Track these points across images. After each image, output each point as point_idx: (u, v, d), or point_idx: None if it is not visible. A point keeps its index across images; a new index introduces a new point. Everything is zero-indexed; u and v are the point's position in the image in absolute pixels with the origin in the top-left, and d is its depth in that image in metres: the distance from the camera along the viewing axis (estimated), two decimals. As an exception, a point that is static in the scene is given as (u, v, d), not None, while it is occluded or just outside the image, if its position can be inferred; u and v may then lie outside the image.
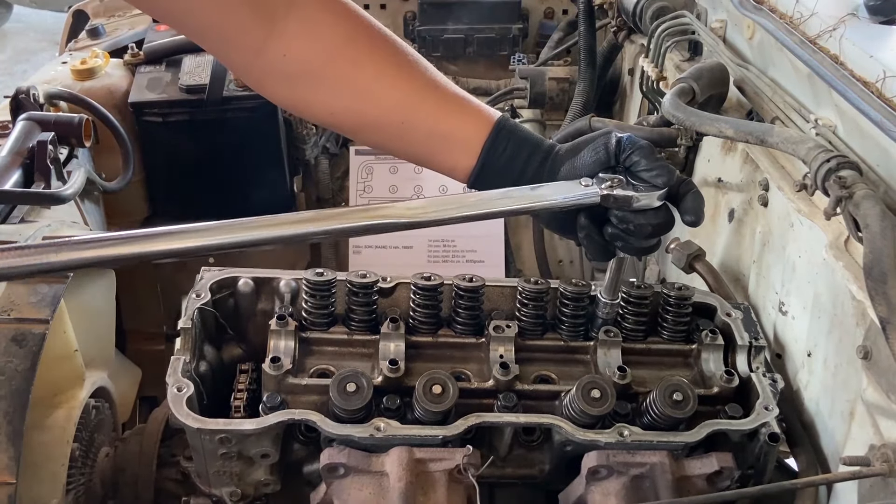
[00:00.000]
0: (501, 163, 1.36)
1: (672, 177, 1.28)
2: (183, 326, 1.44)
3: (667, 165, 1.28)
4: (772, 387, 1.47)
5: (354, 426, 1.34)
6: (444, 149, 1.38)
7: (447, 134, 1.36)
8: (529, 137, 1.39)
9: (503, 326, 1.51)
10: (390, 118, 1.35)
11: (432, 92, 1.36)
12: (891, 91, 1.39)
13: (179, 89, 2.49)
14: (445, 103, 1.37)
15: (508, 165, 1.35)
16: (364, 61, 1.33)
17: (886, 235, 1.17)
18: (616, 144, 1.29)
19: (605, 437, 1.37)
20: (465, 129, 1.36)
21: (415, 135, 1.37)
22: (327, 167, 2.93)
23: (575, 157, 1.33)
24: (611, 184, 1.27)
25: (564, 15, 3.25)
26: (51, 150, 1.95)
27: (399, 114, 1.34)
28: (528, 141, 1.37)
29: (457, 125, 1.36)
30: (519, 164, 1.35)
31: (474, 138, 1.35)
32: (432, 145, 1.38)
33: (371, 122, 1.38)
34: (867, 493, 1.25)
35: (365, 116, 1.37)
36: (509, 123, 1.38)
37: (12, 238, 1.61)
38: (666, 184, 1.27)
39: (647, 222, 1.29)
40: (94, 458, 1.67)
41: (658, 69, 2.17)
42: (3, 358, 1.40)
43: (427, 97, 1.36)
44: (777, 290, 1.65)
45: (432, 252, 2.82)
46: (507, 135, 1.36)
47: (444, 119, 1.36)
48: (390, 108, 1.35)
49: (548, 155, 1.36)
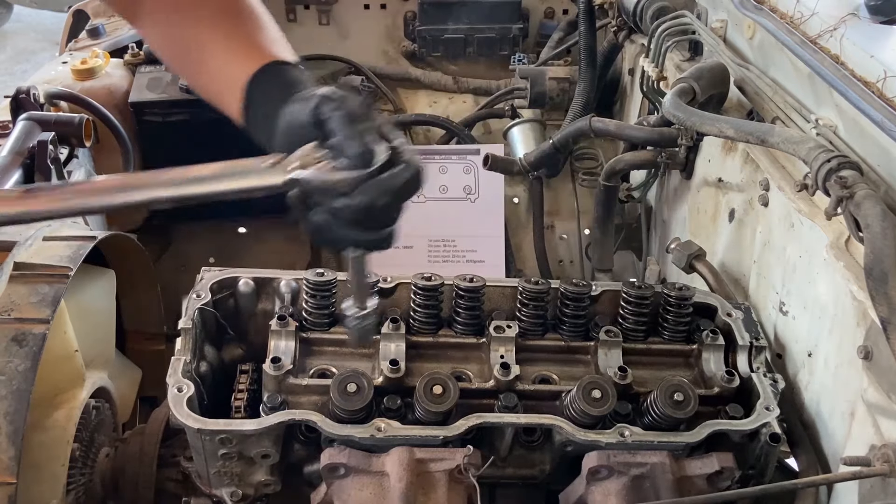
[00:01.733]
0: (255, 110, 1.23)
1: (370, 151, 1.02)
2: (183, 327, 1.44)
3: (371, 132, 1.03)
4: (772, 387, 1.46)
5: (355, 426, 1.34)
6: (219, 89, 1.31)
7: (222, 74, 1.29)
8: (291, 82, 1.21)
9: (504, 327, 1.51)
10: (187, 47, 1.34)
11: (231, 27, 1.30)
12: (891, 91, 1.39)
13: (179, 89, 2.49)
14: (236, 48, 1.29)
15: (260, 109, 1.22)
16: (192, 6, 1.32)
17: (887, 235, 1.17)
18: (315, 107, 1.06)
19: (606, 437, 1.37)
20: (234, 69, 1.26)
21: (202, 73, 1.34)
22: (327, 167, 2.93)
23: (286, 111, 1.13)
24: (300, 164, 1.01)
25: (564, 15, 3.25)
26: (51, 150, 1.95)
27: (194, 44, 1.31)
28: (287, 85, 1.20)
29: (231, 67, 1.27)
30: (270, 107, 1.18)
31: (240, 78, 1.24)
32: (213, 84, 1.32)
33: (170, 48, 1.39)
34: (867, 493, 1.25)
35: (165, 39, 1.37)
36: (276, 67, 1.24)
37: (12, 238, 1.61)
38: (359, 158, 1.01)
39: (344, 205, 1.03)
40: (94, 458, 1.67)
41: (658, 69, 2.17)
42: (4, 358, 1.40)
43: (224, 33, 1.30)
44: (777, 290, 1.65)
45: (432, 252, 2.82)
46: (269, 78, 1.23)
47: (225, 60, 1.29)
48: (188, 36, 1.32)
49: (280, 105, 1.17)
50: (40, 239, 1.65)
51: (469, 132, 3.07)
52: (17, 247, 1.58)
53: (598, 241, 2.36)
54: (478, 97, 3.26)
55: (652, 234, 2.52)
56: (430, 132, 3.18)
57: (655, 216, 2.50)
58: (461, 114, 3.18)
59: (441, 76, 3.29)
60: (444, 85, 3.29)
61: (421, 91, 3.32)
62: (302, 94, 1.13)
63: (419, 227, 2.83)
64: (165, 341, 2.16)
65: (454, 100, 3.29)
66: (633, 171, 2.51)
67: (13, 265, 1.54)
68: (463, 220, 2.84)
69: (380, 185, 1.02)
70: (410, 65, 3.34)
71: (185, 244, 2.80)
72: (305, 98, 1.10)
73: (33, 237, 1.63)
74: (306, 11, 3.25)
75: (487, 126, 3.18)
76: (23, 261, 1.56)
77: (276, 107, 1.15)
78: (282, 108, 1.13)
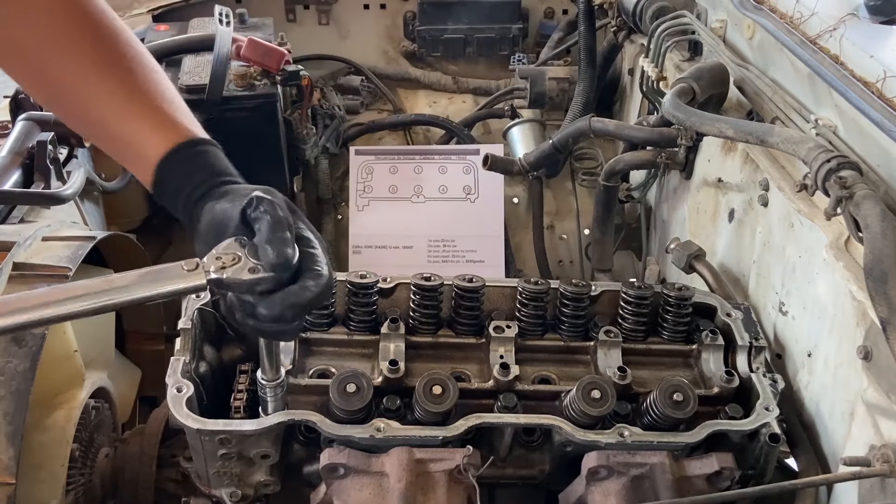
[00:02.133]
0: (171, 188, 1.22)
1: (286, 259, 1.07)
2: (183, 327, 1.44)
3: (288, 242, 1.08)
4: (772, 387, 1.46)
5: (354, 427, 1.34)
6: (126, 155, 1.27)
7: (130, 142, 1.24)
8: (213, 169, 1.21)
9: (503, 327, 1.51)
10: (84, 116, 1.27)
11: (127, 97, 1.24)
12: (891, 91, 1.39)
13: (179, 89, 2.47)
14: (138, 111, 1.24)
15: (177, 193, 1.21)
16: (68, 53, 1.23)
17: (887, 236, 1.17)
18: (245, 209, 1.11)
19: (606, 437, 1.37)
20: (145, 143, 1.22)
21: (104, 137, 1.29)
22: (327, 167, 2.93)
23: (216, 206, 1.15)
24: (223, 263, 1.07)
25: (564, 15, 3.25)
26: (50, 150, 1.95)
27: (91, 113, 1.26)
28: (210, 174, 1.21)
29: (140, 137, 1.23)
30: (186, 193, 1.20)
31: (151, 156, 1.21)
32: (117, 149, 1.29)
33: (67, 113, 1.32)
34: (867, 493, 1.25)
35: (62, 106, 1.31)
36: (192, 149, 1.22)
37: (11, 238, 1.61)
38: (276, 266, 1.06)
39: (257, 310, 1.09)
40: (93, 458, 1.67)
41: (658, 69, 2.17)
42: (3, 358, 1.40)
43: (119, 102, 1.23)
44: (777, 290, 1.65)
45: (432, 252, 2.82)
46: (181, 160, 1.21)
47: (131, 127, 1.23)
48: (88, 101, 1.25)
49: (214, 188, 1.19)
50: (39, 239, 1.65)
51: (469, 132, 3.08)
52: (17, 247, 1.58)
53: (598, 241, 2.36)
54: (477, 97, 3.27)
55: (652, 234, 2.53)
56: (430, 132, 3.18)
57: (655, 216, 2.50)
58: (461, 114, 3.19)
59: (441, 76, 3.30)
60: (443, 85, 3.29)
61: (421, 91, 3.33)
62: (231, 191, 1.17)
63: (419, 227, 2.83)
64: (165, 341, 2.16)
65: (454, 100, 3.29)
66: (633, 171, 2.51)
67: (12, 265, 1.53)
68: (463, 220, 2.84)
69: (286, 298, 1.08)
70: (410, 65, 3.34)
71: (185, 244, 2.78)
72: (235, 198, 1.14)
73: (32, 237, 1.63)
74: (306, 11, 3.25)
75: (487, 126, 3.18)
76: (22, 261, 1.56)
77: (201, 196, 1.18)
78: (208, 202, 1.16)
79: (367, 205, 2.86)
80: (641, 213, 2.58)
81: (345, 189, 2.96)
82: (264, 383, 1.31)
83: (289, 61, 2.52)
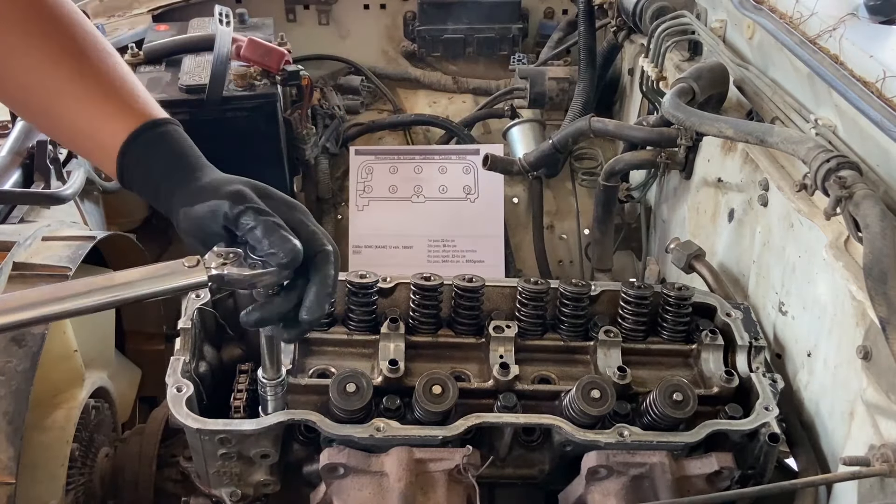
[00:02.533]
0: (137, 176, 1.18)
1: (295, 253, 1.07)
2: (183, 327, 1.44)
3: (288, 239, 1.08)
4: (772, 387, 1.46)
5: (354, 426, 1.34)
6: (87, 147, 1.24)
7: (88, 133, 1.19)
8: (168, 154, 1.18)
9: (503, 326, 1.51)
10: (36, 105, 1.22)
11: (82, 84, 1.18)
12: (891, 91, 1.39)
13: (179, 89, 2.49)
14: (93, 99, 1.18)
15: (145, 181, 1.18)
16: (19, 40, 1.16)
17: (886, 235, 1.17)
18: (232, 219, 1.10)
19: (605, 437, 1.37)
20: (103, 131, 1.18)
21: (59, 127, 1.23)
22: (327, 167, 2.93)
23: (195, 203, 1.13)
24: (224, 260, 1.07)
25: (564, 15, 3.25)
26: (50, 150, 1.95)
27: (43, 103, 1.20)
28: (166, 159, 1.18)
29: (97, 126, 1.18)
30: (153, 183, 1.18)
31: (111, 144, 1.17)
32: (77, 142, 1.24)
33: (19, 105, 1.26)
34: (867, 493, 1.25)
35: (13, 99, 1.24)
36: (151, 133, 1.17)
37: (11, 238, 1.61)
38: (286, 261, 1.07)
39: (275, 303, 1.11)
40: (93, 458, 1.67)
41: (658, 69, 2.17)
42: (3, 358, 1.40)
43: (74, 90, 1.18)
44: (777, 290, 1.65)
45: (432, 252, 2.82)
46: (142, 146, 1.16)
47: (87, 116, 1.18)
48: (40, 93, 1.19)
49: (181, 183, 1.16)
50: (39, 239, 1.65)
51: (469, 132, 3.08)
52: (17, 247, 1.58)
53: (598, 241, 2.36)
54: (477, 97, 3.27)
55: (651, 234, 2.53)
56: (430, 132, 3.19)
57: (655, 216, 2.50)
58: (461, 114, 3.19)
59: (441, 76, 3.30)
60: (443, 85, 3.29)
61: (420, 91, 3.33)
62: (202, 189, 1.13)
63: (419, 227, 2.83)
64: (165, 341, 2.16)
65: (454, 100, 3.29)
66: (633, 171, 2.51)
67: (12, 265, 1.53)
68: (462, 220, 2.84)
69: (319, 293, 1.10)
70: (410, 65, 3.34)
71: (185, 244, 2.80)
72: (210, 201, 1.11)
73: (32, 237, 1.63)
74: (306, 11, 3.25)
75: (487, 126, 3.18)
76: (22, 261, 1.56)
77: (171, 190, 1.15)
78: (183, 207, 1.13)
79: (367, 205, 2.86)
80: (641, 213, 2.58)
81: (345, 189, 2.96)
82: (265, 382, 1.31)
83: (289, 61, 2.52)
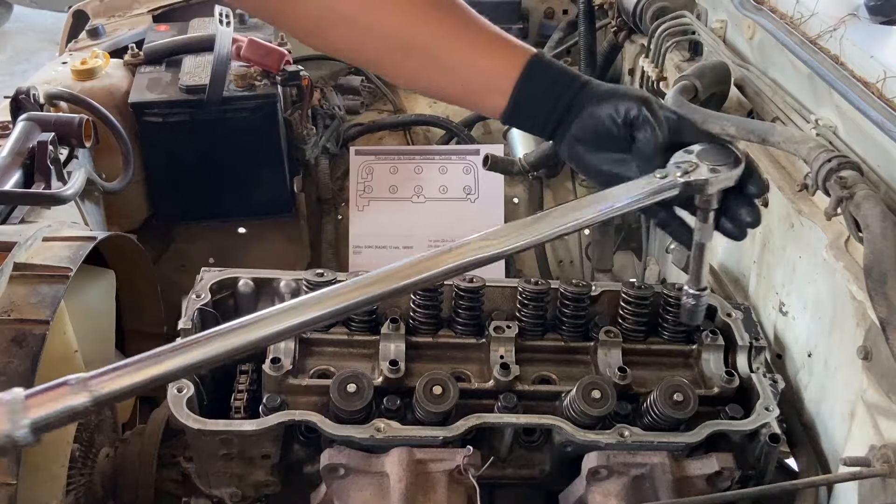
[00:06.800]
0: (533, 102, 1.31)
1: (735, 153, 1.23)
2: (183, 327, 1.44)
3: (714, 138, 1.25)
4: (772, 387, 1.47)
5: (355, 427, 1.34)
6: (475, 88, 1.35)
7: (478, 72, 1.33)
8: (563, 74, 1.32)
9: (503, 327, 1.51)
10: (422, 54, 1.33)
11: (464, 29, 1.34)
12: (891, 91, 1.39)
13: (179, 89, 2.49)
14: (477, 40, 1.34)
15: (540, 104, 1.31)
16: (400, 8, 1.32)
17: (887, 236, 1.17)
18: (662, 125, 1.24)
19: (606, 437, 1.37)
20: (496, 67, 1.32)
21: (446, 71, 1.35)
22: (327, 167, 2.93)
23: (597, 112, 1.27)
24: (686, 168, 1.19)
25: (564, 15, 3.25)
26: (51, 151, 1.95)
27: (431, 49, 1.33)
28: (562, 78, 1.32)
29: (488, 63, 1.33)
30: (550, 102, 1.31)
31: (505, 78, 1.31)
32: (464, 83, 1.36)
33: (401, 60, 1.36)
34: (867, 493, 1.25)
35: (394, 53, 1.34)
36: (543, 61, 1.32)
37: (12, 238, 1.61)
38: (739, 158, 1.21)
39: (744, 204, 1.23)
40: (94, 458, 1.67)
41: (658, 69, 2.17)
42: (4, 358, 1.40)
43: (458, 34, 1.34)
44: (777, 290, 1.65)
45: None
46: (539, 73, 1.31)
47: (475, 57, 1.33)
48: (421, 43, 1.32)
49: (579, 91, 1.30)
50: (40, 239, 1.65)
51: (469, 132, 3.07)
52: (17, 247, 1.58)
53: (598, 241, 2.36)
54: (477, 97, 3.26)
55: (652, 234, 2.52)
56: (430, 132, 3.18)
57: (655, 216, 2.50)
58: (461, 114, 3.18)
59: (441, 76, 3.29)
60: (444, 85, 3.29)
61: (421, 91, 3.32)
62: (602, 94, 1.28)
63: (419, 227, 2.83)
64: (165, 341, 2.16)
65: (454, 100, 3.29)
66: (633, 172, 2.50)
67: (13, 266, 1.53)
68: (463, 220, 2.84)
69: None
70: (410, 65, 3.34)
71: (185, 244, 2.80)
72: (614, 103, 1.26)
73: (33, 238, 1.63)
74: (306, 11, 3.24)
75: (487, 126, 3.18)
76: (23, 261, 1.56)
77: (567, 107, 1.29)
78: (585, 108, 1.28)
79: (367, 205, 2.86)
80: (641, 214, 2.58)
81: (345, 189, 2.96)
82: (693, 293, 1.32)
83: (289, 61, 2.52)
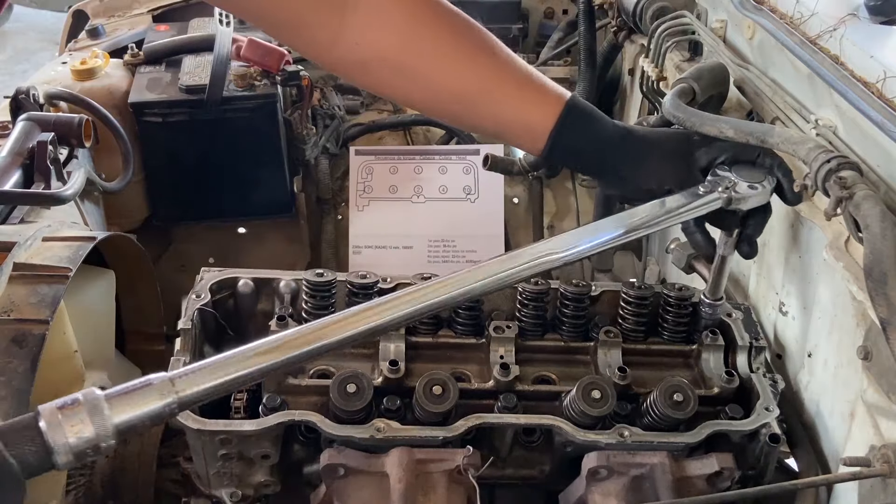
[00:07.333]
0: (571, 146, 1.38)
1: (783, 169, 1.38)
2: (183, 327, 1.44)
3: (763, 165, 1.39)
4: (772, 387, 1.47)
5: (354, 427, 1.34)
6: (513, 130, 1.41)
7: (515, 117, 1.38)
8: (599, 122, 1.39)
9: (503, 327, 1.51)
10: (463, 100, 1.38)
11: (503, 73, 1.38)
12: (891, 91, 1.39)
13: (179, 89, 2.49)
14: (515, 85, 1.38)
15: (579, 148, 1.39)
16: (434, 46, 1.35)
17: (887, 236, 1.17)
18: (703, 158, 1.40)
19: (606, 437, 1.37)
20: (533, 113, 1.37)
21: (485, 116, 1.40)
22: (327, 167, 2.92)
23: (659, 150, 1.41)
24: (727, 186, 1.34)
25: (564, 15, 3.25)
26: (51, 151, 1.95)
27: (471, 96, 1.37)
28: (599, 125, 1.39)
29: (525, 109, 1.37)
30: (591, 148, 1.39)
31: (541, 124, 1.36)
32: (503, 126, 1.41)
33: (444, 105, 1.42)
34: (867, 493, 1.25)
35: (438, 98, 1.40)
36: (578, 107, 1.38)
37: (12, 238, 1.61)
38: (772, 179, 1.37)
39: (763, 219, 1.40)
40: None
41: (658, 69, 2.17)
42: (3, 358, 1.40)
43: (500, 79, 1.38)
44: (777, 290, 1.65)
45: (432, 252, 2.82)
46: (574, 120, 1.37)
47: (513, 103, 1.37)
48: (463, 90, 1.37)
49: (623, 139, 1.39)
50: (40, 239, 1.65)
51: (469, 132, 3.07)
52: (17, 247, 1.58)
53: (598, 241, 2.35)
54: (477, 97, 3.25)
55: (652, 234, 2.52)
56: (430, 132, 3.18)
57: (655, 216, 2.49)
58: (461, 114, 3.18)
59: (441, 76, 3.29)
60: (444, 85, 3.28)
61: (421, 91, 3.31)
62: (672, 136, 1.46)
63: (419, 227, 2.83)
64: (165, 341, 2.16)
65: (454, 100, 3.28)
66: (633, 172, 2.50)
67: (13, 266, 1.54)
68: (463, 220, 2.83)
69: None
70: (410, 65, 3.33)
71: (185, 244, 2.80)
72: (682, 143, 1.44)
73: (33, 238, 1.63)
74: (306, 11, 3.24)
75: (487, 126, 3.17)
76: (22, 261, 1.56)
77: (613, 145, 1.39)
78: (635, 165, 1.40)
79: (367, 205, 2.86)
80: (641, 214, 2.57)
81: (345, 189, 2.95)
82: (710, 302, 1.51)
83: (289, 61, 2.52)
